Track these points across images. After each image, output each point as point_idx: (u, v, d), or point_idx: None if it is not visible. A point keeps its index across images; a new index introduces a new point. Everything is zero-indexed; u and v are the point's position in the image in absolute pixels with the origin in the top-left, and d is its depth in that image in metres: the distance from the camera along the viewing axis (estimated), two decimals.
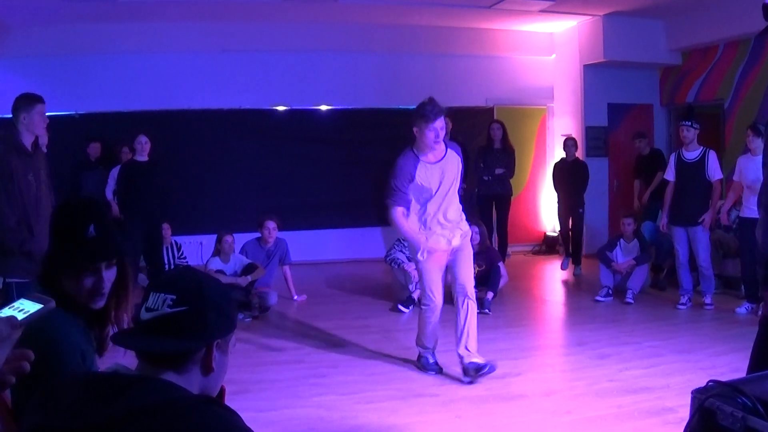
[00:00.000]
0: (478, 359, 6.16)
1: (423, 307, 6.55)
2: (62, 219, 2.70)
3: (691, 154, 8.95)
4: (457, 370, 6.44)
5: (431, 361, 6.59)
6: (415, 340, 6.71)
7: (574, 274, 11.43)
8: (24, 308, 1.80)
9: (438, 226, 6.28)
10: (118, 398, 1.69)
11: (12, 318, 1.69)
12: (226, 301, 2.00)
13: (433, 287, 6.43)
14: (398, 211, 6.21)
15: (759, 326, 2.91)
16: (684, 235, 9.02)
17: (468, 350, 6.23)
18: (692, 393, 1.97)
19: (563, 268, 11.61)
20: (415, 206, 6.29)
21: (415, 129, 6.12)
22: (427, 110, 6.04)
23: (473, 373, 6.12)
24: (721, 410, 1.81)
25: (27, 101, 5.73)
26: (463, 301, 6.33)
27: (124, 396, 1.70)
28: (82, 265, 2.61)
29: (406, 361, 6.91)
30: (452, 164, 6.29)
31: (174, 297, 1.88)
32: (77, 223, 2.62)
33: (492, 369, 6.09)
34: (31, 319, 1.74)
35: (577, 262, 11.49)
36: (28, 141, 5.71)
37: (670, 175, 9.14)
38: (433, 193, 6.19)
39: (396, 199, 6.20)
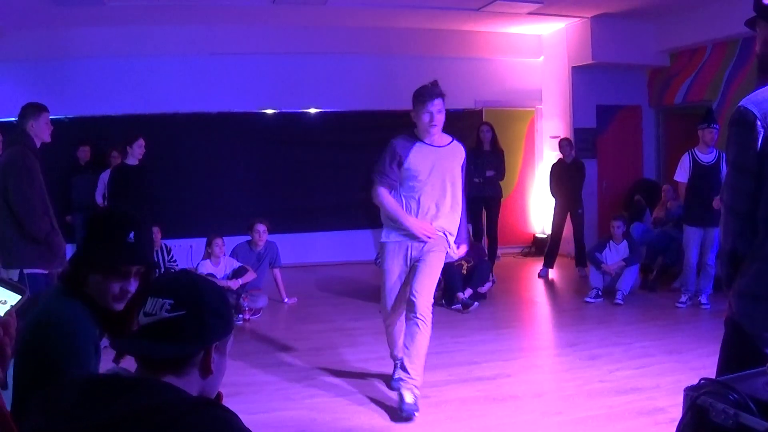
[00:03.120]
0: (407, 394, 5.56)
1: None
2: (105, 222, 2.83)
3: (707, 156, 9.00)
4: (449, 373, 6.48)
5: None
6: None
7: (580, 276, 11.42)
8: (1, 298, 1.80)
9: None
10: (118, 400, 1.71)
11: None
12: (223, 304, 2.03)
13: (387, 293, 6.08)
14: (382, 191, 5.90)
15: (725, 327, 2.94)
16: (698, 236, 9.03)
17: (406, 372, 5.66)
18: (684, 390, 1.99)
19: (541, 275, 11.59)
20: (403, 200, 5.90)
21: (412, 113, 5.90)
22: (423, 92, 5.80)
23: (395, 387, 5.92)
24: (714, 407, 1.82)
25: (34, 109, 6.18)
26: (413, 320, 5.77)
27: (124, 398, 1.71)
28: (117, 268, 2.73)
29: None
30: (453, 156, 5.93)
31: (172, 301, 1.91)
32: (120, 228, 2.76)
33: (406, 414, 5.48)
34: (15, 309, 1.74)
35: (582, 264, 11.44)
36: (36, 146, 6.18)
37: (683, 176, 9.16)
38: (423, 180, 5.79)
39: (381, 178, 5.91)
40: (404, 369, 5.62)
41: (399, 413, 5.46)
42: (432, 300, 5.85)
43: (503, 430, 5.31)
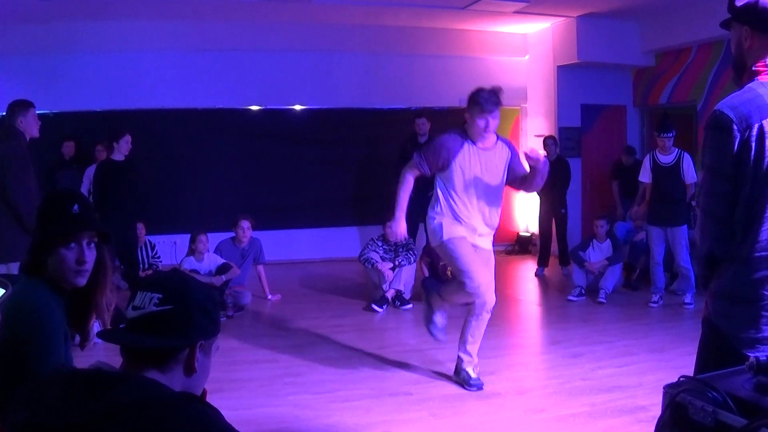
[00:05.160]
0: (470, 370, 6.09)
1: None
2: (48, 202, 2.88)
3: (667, 157, 9.06)
4: (432, 370, 6.50)
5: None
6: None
7: (564, 274, 11.46)
8: None
9: (467, 222, 5.94)
10: (102, 395, 1.72)
11: None
12: (211, 304, 2.05)
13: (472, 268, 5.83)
14: (409, 176, 6.03)
15: (702, 327, 2.97)
16: (661, 235, 9.10)
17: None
18: (664, 388, 2.01)
19: (538, 275, 11.62)
20: (449, 198, 5.96)
21: (467, 114, 5.91)
22: (482, 99, 5.78)
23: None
24: (692, 405, 1.84)
25: (22, 106, 6.35)
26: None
27: (108, 393, 1.72)
28: (66, 239, 2.75)
29: (380, 360, 6.93)
30: (499, 158, 6.00)
31: (160, 296, 1.93)
32: (63, 202, 2.79)
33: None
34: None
35: (565, 263, 11.48)
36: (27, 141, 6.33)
37: (645, 177, 9.23)
38: (469, 180, 5.88)
39: (418, 161, 5.97)
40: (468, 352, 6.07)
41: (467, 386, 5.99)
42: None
43: (486, 428, 5.32)
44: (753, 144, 2.69)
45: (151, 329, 1.91)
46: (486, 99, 5.77)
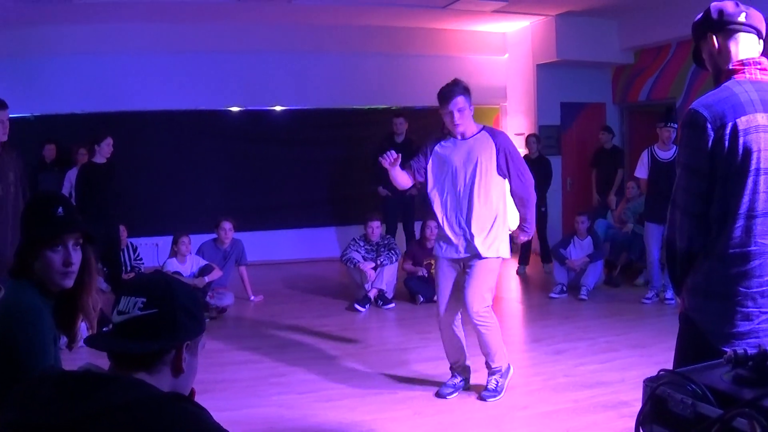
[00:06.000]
0: (489, 381, 5.95)
1: None
2: (32, 206, 2.90)
3: (666, 153, 9.08)
4: (416, 369, 6.54)
5: (448, 382, 6.06)
6: None
7: (545, 272, 11.51)
8: None
9: (450, 229, 5.80)
10: (92, 396, 1.73)
11: None
12: (195, 304, 2.07)
13: (439, 295, 5.95)
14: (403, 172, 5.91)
15: (679, 322, 3.01)
16: (659, 232, 9.10)
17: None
18: (644, 382, 2.04)
19: (519, 273, 11.64)
20: (438, 201, 5.83)
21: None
22: (440, 93, 5.80)
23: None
24: (672, 397, 1.87)
25: None
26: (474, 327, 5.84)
27: (98, 393, 1.74)
28: (52, 241, 2.76)
29: (363, 360, 6.96)
30: (481, 145, 5.75)
31: (144, 300, 1.95)
32: (46, 205, 2.81)
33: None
34: None
35: (546, 260, 11.53)
36: None
37: (642, 172, 9.25)
38: (453, 171, 5.72)
39: (409, 171, 5.95)
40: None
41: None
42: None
43: (470, 425, 5.36)
44: (726, 142, 2.73)
45: (137, 333, 1.93)
46: (443, 93, 5.79)
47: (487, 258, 5.73)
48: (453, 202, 5.77)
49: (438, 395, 5.89)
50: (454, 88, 5.76)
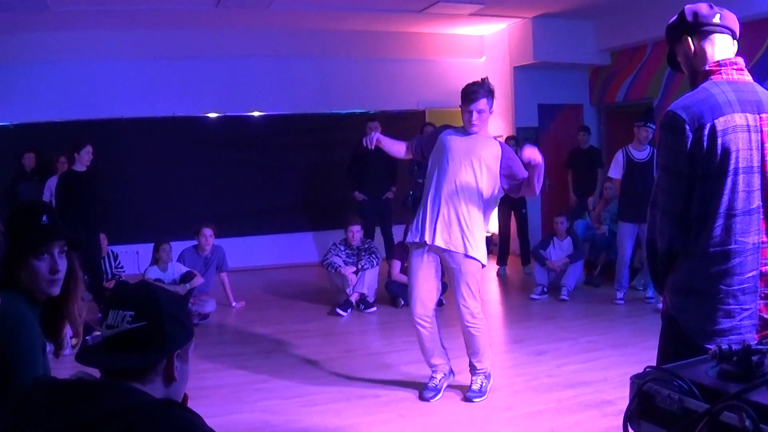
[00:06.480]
0: (474, 381, 5.97)
1: None
2: (16, 215, 2.87)
3: (641, 153, 9.13)
4: (399, 372, 6.55)
5: (429, 384, 6.02)
6: None
7: (525, 273, 11.55)
8: None
9: (434, 215, 5.70)
10: (86, 402, 1.75)
11: None
12: (182, 312, 2.08)
13: (414, 287, 5.87)
14: (400, 143, 6.05)
15: (661, 320, 3.05)
16: (633, 231, 9.15)
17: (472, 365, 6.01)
18: (631, 378, 2.06)
19: (499, 274, 11.67)
20: (432, 187, 5.76)
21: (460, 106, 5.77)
22: (466, 91, 5.72)
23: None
24: (659, 393, 1.89)
25: None
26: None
27: (91, 400, 1.75)
28: (38, 249, 2.76)
29: (346, 364, 6.97)
30: (487, 147, 5.75)
31: (132, 313, 1.96)
32: (30, 214, 2.82)
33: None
34: None
35: (527, 262, 11.58)
36: None
37: (616, 173, 9.28)
38: (447, 161, 5.68)
39: (413, 139, 6.13)
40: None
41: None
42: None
43: (454, 427, 5.39)
44: (705, 143, 2.76)
45: (128, 347, 1.95)
46: (468, 91, 5.70)
47: (474, 258, 5.73)
48: (446, 191, 5.71)
49: (421, 399, 5.89)
50: (480, 89, 5.69)
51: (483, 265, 5.81)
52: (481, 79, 5.78)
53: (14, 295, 2.72)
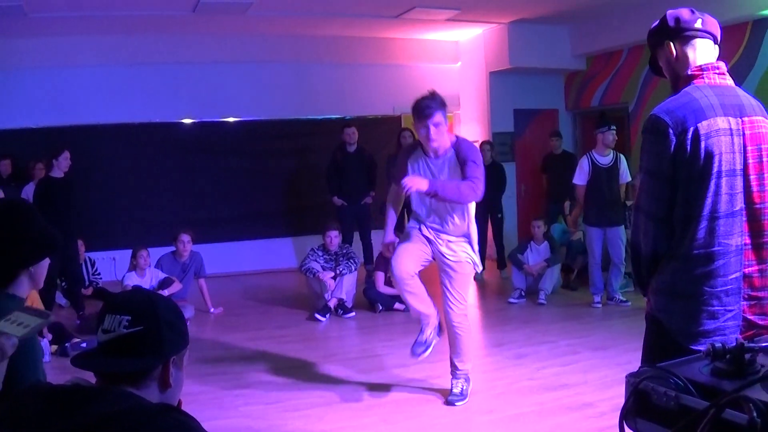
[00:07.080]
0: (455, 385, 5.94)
1: None
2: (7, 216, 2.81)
3: (605, 158, 9.22)
4: (379, 376, 6.57)
5: (418, 339, 5.85)
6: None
7: (502, 278, 11.58)
8: (21, 321, 1.87)
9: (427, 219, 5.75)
10: (83, 408, 1.75)
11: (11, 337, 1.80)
12: (178, 318, 2.08)
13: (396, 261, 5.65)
14: (388, 206, 5.97)
15: (646, 322, 3.08)
16: (600, 235, 9.25)
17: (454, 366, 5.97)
18: (626, 377, 2.08)
19: (476, 279, 11.68)
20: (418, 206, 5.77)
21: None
22: (418, 107, 5.51)
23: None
24: (655, 391, 1.91)
25: None
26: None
27: (88, 406, 1.75)
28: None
29: (327, 368, 6.99)
30: (449, 163, 5.64)
31: (129, 318, 1.96)
32: (29, 218, 2.82)
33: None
34: (32, 333, 1.80)
35: (502, 266, 11.62)
36: None
37: (581, 179, 9.33)
38: (416, 193, 5.53)
39: (389, 195, 5.98)
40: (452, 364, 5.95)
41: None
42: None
43: (436, 430, 5.41)
44: (688, 146, 2.79)
45: (124, 352, 1.94)
46: (419, 108, 5.52)
47: (467, 262, 5.78)
48: (429, 210, 5.75)
49: (412, 354, 5.82)
50: (432, 103, 5.51)
51: (483, 269, 5.85)
52: (430, 92, 5.64)
53: (5, 296, 2.72)
